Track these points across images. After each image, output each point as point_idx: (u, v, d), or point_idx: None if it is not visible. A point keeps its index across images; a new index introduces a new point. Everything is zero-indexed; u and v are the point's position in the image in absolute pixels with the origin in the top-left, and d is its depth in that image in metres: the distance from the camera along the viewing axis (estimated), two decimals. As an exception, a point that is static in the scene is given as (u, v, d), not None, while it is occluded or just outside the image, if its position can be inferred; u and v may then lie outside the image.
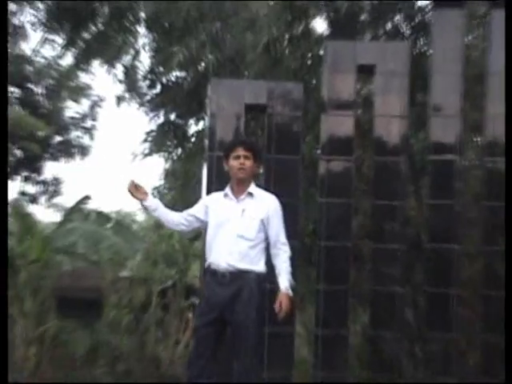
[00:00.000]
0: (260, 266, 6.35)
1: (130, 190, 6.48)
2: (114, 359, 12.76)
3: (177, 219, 6.61)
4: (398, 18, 11.74)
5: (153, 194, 20.47)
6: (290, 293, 6.25)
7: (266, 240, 6.42)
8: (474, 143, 10.93)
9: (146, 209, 6.66)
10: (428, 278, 8.69)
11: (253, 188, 6.45)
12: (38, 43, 24.73)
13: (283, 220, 6.63)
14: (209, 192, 8.20)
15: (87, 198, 15.69)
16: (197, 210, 6.63)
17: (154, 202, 6.57)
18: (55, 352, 12.80)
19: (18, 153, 25.50)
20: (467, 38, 9.90)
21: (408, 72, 8.72)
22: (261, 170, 8.59)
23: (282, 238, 6.47)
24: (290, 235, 7.74)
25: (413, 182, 10.63)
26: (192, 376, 6.33)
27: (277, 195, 6.94)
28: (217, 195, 6.70)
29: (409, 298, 10.16)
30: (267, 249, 6.40)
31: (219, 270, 6.23)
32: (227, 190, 6.49)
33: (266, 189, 7.80)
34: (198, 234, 10.10)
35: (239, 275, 6.23)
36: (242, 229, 6.31)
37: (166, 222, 6.65)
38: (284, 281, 6.24)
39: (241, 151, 6.36)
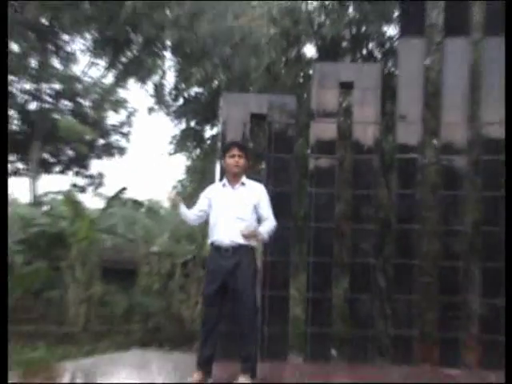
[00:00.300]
0: (253, 242, 6.90)
1: (171, 200, 7.05)
2: (145, 317, 13.68)
3: (192, 217, 7.10)
4: (371, 44, 12.32)
5: (177, 186, 21.21)
6: (261, 233, 6.83)
7: (257, 220, 6.99)
8: (432, 145, 11.49)
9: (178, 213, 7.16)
10: (396, 252, 9.25)
11: (244, 179, 7.04)
12: (85, 66, 25.98)
13: (279, 205, 7.42)
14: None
15: (124, 189, 16.35)
16: (202, 204, 7.10)
17: (182, 208, 6.96)
18: (100, 310, 13.44)
19: (70, 153, 26.21)
20: (427, 61, 10.28)
21: (380, 87, 9.37)
22: (262, 166, 9.48)
23: (270, 216, 7.07)
24: (286, 218, 8.53)
25: (383, 175, 11.10)
26: (206, 331, 6.86)
27: (275, 186, 7.94)
28: (215, 186, 7.35)
29: (380, 268, 10.72)
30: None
31: (223, 245, 6.78)
32: (225, 181, 7.10)
33: (267, 181, 8.74)
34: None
35: (239, 249, 6.77)
36: (239, 212, 6.88)
37: (187, 220, 7.08)
38: (262, 227, 6.93)
39: (235, 151, 7.00)
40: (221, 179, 8.65)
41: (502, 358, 8.50)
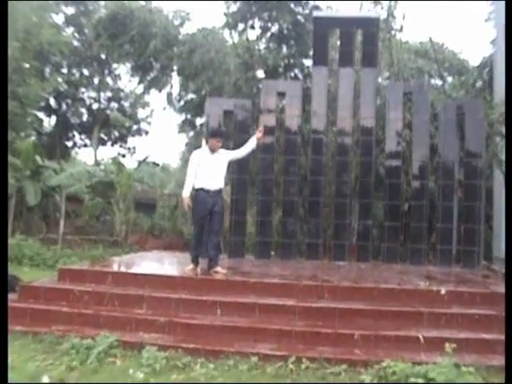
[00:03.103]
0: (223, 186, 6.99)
1: (185, 204, 6.78)
2: (161, 231, 14.01)
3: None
4: (296, 70, 12.47)
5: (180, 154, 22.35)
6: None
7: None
8: (332, 130, 11.21)
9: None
10: (309, 193, 9.47)
11: (219, 150, 6.94)
12: (127, 82, 27.42)
13: (240, 165, 7.78)
14: None
15: (147, 156, 16.78)
16: (195, 170, 6.82)
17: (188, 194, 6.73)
18: (134, 228, 13.73)
19: (116, 134, 26.83)
20: (329, 81, 10.49)
21: (301, 96, 9.56)
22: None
23: (238, 153, 7.29)
24: (244, 173, 8.85)
25: (303, 148, 10.94)
26: (196, 240, 6.93)
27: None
28: (200, 152, 6.99)
29: (301, 203, 10.59)
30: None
31: (210, 189, 6.77)
32: (207, 150, 6.93)
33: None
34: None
35: (218, 191, 6.86)
36: (217, 169, 6.90)
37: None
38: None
39: (216, 137, 6.95)
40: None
41: (369, 256, 9.23)
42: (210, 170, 6.87)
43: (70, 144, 26.53)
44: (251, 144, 7.44)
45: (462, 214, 9.22)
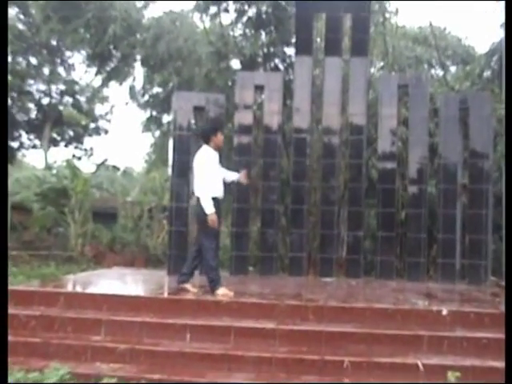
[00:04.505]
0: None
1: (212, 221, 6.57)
2: (123, 245, 13.92)
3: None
4: (277, 60, 12.64)
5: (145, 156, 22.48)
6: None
7: None
8: (317, 128, 11.39)
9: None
10: (292, 200, 9.52)
11: None
12: (82, 73, 26.95)
13: None
14: (174, 151, 9.29)
15: (107, 159, 16.99)
16: (217, 167, 6.81)
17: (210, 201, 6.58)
18: (92, 241, 13.63)
19: (71, 133, 26.97)
20: (313, 72, 10.36)
21: (282, 89, 9.64)
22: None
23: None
24: None
25: (285, 149, 11.11)
26: (217, 268, 6.82)
27: None
28: (211, 153, 6.80)
29: (282, 212, 10.80)
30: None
31: (220, 198, 6.81)
32: (211, 150, 6.78)
33: None
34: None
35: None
36: (222, 171, 7.03)
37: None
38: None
39: (219, 132, 6.95)
40: (173, 152, 9.23)
41: (360, 271, 9.34)
42: (218, 174, 6.91)
43: (15, 145, 26.32)
44: (231, 177, 7.40)
45: (467, 223, 9.30)
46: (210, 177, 6.65)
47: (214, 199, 6.64)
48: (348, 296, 7.31)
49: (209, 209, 6.55)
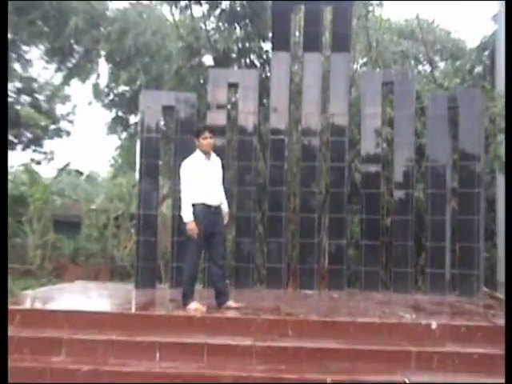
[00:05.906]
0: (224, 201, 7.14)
1: (191, 230, 6.65)
2: (87, 257, 13.83)
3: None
4: (252, 56, 12.59)
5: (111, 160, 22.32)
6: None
7: None
8: (296, 129, 11.28)
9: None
10: (270, 207, 9.50)
11: (212, 154, 7.06)
12: (41, 70, 26.44)
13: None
14: (142, 154, 9.20)
15: (69, 163, 16.86)
16: (191, 183, 6.77)
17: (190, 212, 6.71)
18: (52, 253, 13.53)
19: (29, 135, 26.50)
20: (291, 68, 10.42)
21: (257, 87, 9.64)
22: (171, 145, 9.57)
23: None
24: None
25: (261, 151, 11.18)
26: (192, 278, 6.91)
27: (181, 160, 7.28)
28: (195, 159, 6.93)
29: (259, 219, 10.83)
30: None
31: (212, 204, 6.81)
32: (201, 155, 6.92)
33: (175, 156, 9.01)
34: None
35: (219, 207, 6.97)
36: (216, 176, 7.06)
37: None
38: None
39: (207, 133, 6.94)
40: (140, 151, 9.20)
41: (343, 283, 9.41)
42: (208, 180, 6.92)
43: (-34, 148, 26.16)
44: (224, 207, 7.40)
45: (457, 230, 9.32)
46: (191, 183, 6.75)
47: (200, 205, 6.74)
48: (330, 309, 7.34)
49: (186, 217, 6.69)
